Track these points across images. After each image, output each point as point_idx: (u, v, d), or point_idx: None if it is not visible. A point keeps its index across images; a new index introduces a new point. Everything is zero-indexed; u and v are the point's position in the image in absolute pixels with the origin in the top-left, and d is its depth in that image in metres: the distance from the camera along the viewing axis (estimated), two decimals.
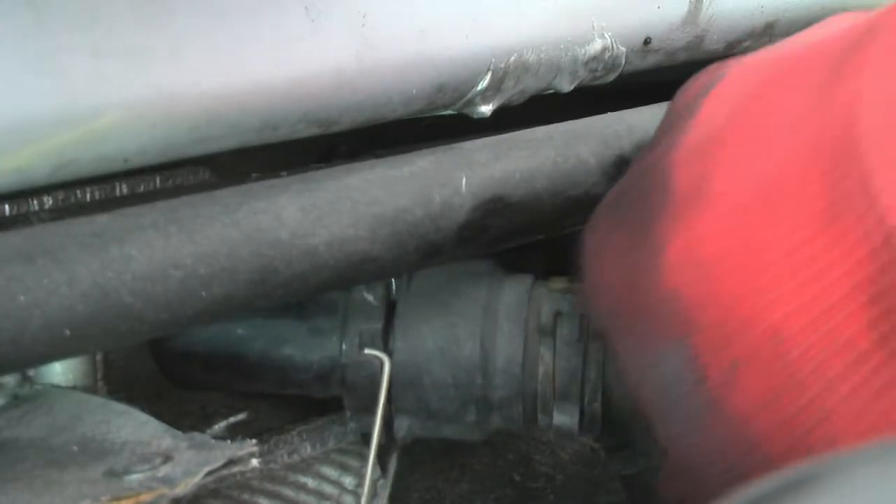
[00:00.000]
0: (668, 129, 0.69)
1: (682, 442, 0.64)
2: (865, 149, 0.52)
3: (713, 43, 0.97)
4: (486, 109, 0.81)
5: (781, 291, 0.56)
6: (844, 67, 0.57)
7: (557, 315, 0.83)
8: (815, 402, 0.55)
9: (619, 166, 0.80)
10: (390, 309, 0.84)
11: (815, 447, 0.56)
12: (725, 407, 0.59)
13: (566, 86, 0.86)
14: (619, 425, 0.84)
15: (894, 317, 0.51)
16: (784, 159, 0.57)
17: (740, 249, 0.58)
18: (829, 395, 0.55)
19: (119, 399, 0.70)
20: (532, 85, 0.83)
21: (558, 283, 0.85)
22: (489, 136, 0.80)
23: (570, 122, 0.84)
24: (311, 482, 0.83)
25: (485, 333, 0.83)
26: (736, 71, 0.67)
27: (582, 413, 0.82)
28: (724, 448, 0.60)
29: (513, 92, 0.82)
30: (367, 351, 0.83)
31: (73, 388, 0.74)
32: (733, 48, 0.99)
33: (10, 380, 0.72)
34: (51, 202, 0.74)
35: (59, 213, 0.73)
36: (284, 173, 0.75)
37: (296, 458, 0.84)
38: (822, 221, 0.54)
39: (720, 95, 0.66)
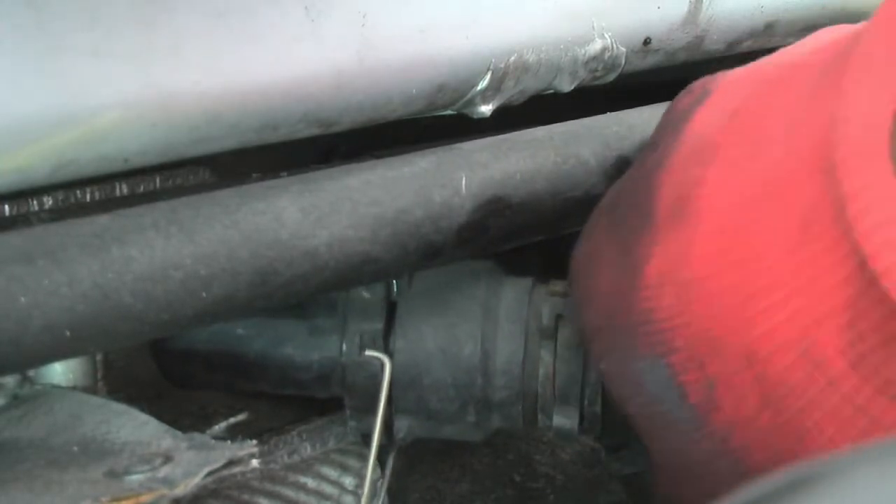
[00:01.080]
0: (656, 144, 0.68)
1: (668, 457, 0.64)
2: (842, 173, 0.50)
3: (713, 43, 0.97)
4: (486, 109, 0.81)
5: (756, 311, 0.55)
6: (825, 82, 0.55)
7: (559, 318, 0.83)
8: (793, 421, 0.55)
9: (620, 167, 0.80)
10: (391, 309, 0.84)
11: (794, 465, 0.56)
12: (707, 423, 0.59)
13: (566, 86, 0.86)
14: (619, 427, 0.84)
15: (870, 340, 0.50)
16: (764, 178, 0.56)
17: (716, 269, 0.57)
18: (807, 414, 0.54)
19: (119, 399, 0.70)
20: (532, 85, 0.83)
21: (559, 286, 0.85)
22: (489, 136, 0.80)
23: (571, 122, 0.84)
24: (311, 482, 0.83)
25: (485, 334, 0.83)
26: (722, 87, 0.66)
27: (582, 415, 0.83)
28: (708, 463, 0.60)
29: (513, 92, 0.82)
30: (367, 352, 0.83)
31: (73, 388, 0.74)
32: (733, 48, 0.99)
33: (10, 380, 0.72)
34: (51, 202, 0.74)
35: (59, 213, 0.73)
36: (284, 173, 0.75)
37: (296, 458, 0.84)
38: (796, 241, 0.53)
39: (707, 113, 0.65)
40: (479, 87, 0.79)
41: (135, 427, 0.65)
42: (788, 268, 0.53)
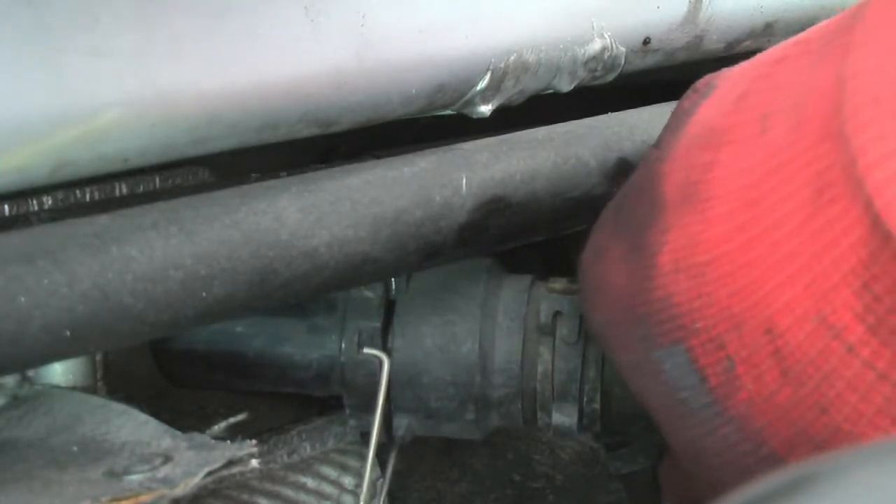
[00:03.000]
0: (659, 142, 0.69)
1: (689, 445, 0.64)
2: (851, 130, 0.50)
3: (712, 43, 0.97)
4: (485, 109, 0.81)
5: (772, 286, 0.55)
6: (832, 49, 0.55)
7: (557, 315, 0.83)
8: (813, 395, 0.54)
9: (620, 168, 0.80)
10: (389, 307, 0.84)
11: (817, 439, 0.55)
12: (728, 407, 0.59)
13: (566, 86, 0.86)
14: (618, 424, 0.84)
15: (887, 301, 0.50)
16: (774, 151, 0.56)
17: (731, 249, 0.57)
18: (829, 385, 0.54)
19: (119, 399, 0.70)
20: (531, 85, 0.83)
21: (557, 284, 0.85)
22: (489, 136, 0.80)
23: (571, 122, 0.84)
24: (310, 482, 0.83)
25: (483, 332, 0.83)
26: (727, 80, 0.67)
27: (581, 412, 0.83)
28: (730, 448, 0.60)
29: (512, 92, 0.82)
30: (366, 350, 0.83)
31: (73, 388, 0.74)
32: (733, 48, 0.99)
33: (10, 380, 0.72)
34: (51, 202, 0.74)
35: (59, 213, 0.73)
36: (284, 173, 0.75)
37: (295, 458, 0.84)
38: (811, 209, 0.53)
39: (711, 105, 0.65)
40: (478, 87, 0.79)
41: (134, 427, 0.65)
42: (803, 237, 0.53)
